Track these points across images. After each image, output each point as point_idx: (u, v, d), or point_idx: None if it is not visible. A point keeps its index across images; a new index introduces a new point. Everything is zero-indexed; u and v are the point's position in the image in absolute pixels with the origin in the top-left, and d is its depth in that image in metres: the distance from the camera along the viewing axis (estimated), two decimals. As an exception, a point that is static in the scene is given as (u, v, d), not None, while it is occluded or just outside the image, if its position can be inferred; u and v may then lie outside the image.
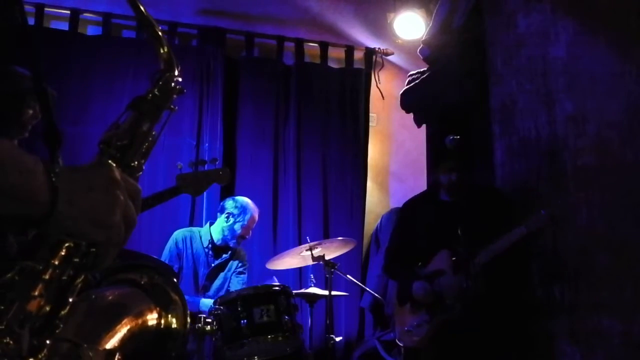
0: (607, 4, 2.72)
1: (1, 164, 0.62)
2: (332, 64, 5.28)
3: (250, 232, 3.93)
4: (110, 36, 4.73)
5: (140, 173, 0.94)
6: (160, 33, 1.09)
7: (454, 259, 2.75)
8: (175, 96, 1.06)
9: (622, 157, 2.55)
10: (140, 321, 0.99)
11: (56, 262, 0.71)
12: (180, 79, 1.08)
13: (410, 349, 2.98)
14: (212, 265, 3.86)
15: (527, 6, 3.15)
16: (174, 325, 1.04)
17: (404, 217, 3.21)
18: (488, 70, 3.42)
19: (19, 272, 0.69)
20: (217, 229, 3.89)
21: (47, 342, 0.69)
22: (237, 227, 3.83)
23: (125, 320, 0.96)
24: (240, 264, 3.95)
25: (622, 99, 2.57)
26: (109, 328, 0.94)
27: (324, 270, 3.61)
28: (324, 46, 5.21)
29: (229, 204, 3.93)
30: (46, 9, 4.57)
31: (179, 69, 1.09)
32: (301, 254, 3.68)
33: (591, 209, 2.66)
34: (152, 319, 1.01)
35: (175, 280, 1.12)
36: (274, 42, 5.11)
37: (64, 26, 4.64)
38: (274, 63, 5.07)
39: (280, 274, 4.17)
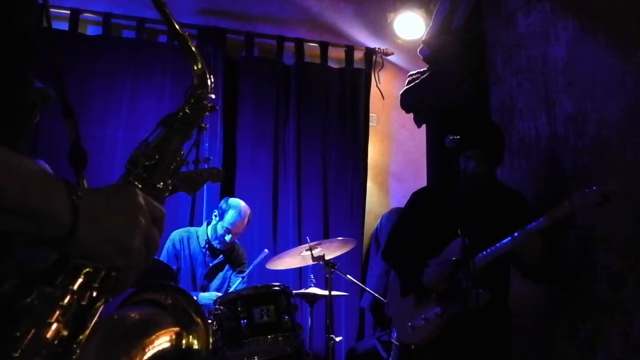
0: (607, 4, 2.72)
1: (24, 185, 0.62)
2: (332, 64, 5.28)
3: (234, 235, 3.87)
4: (110, 36, 4.73)
5: (167, 194, 0.92)
6: (194, 49, 1.08)
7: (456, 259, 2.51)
8: (207, 114, 1.05)
9: (622, 157, 2.55)
10: (161, 342, 0.98)
11: (75, 287, 0.70)
12: (213, 96, 1.07)
13: (409, 348, 2.80)
14: (210, 265, 3.86)
15: (527, 6, 3.15)
16: (196, 346, 1.03)
17: (413, 205, 2.94)
18: (488, 70, 3.42)
19: (38, 298, 0.68)
20: (210, 229, 3.90)
21: None
22: (219, 227, 3.83)
23: (146, 342, 0.95)
24: (238, 264, 3.96)
25: (622, 99, 2.56)
26: (129, 350, 0.93)
27: (324, 270, 3.61)
28: (324, 46, 5.21)
29: (220, 203, 3.95)
30: (46, 9, 4.57)
31: (213, 86, 1.07)
32: (301, 254, 3.68)
33: (591, 209, 2.66)
34: (173, 340, 1.00)
35: (196, 300, 1.11)
36: (274, 42, 5.11)
37: (64, 26, 4.64)
38: (274, 63, 5.07)
39: (280, 274, 4.17)
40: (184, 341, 1.01)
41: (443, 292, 2.58)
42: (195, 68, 1.07)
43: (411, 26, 4.63)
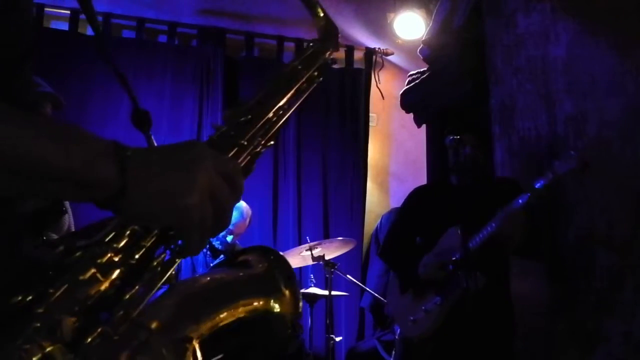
0: (607, 4, 2.72)
1: (67, 151, 0.60)
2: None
3: (236, 236, 3.86)
4: (110, 36, 4.73)
5: (259, 150, 0.87)
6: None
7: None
8: (323, 69, 0.97)
9: (622, 157, 2.55)
10: (240, 311, 0.93)
11: (117, 246, 0.68)
12: (338, 48, 0.99)
13: (411, 342, 2.77)
14: (211, 265, 3.86)
15: (527, 6, 3.15)
16: (277, 315, 0.97)
17: (410, 204, 2.95)
18: (488, 70, 3.42)
19: (81, 257, 0.67)
20: None
21: (103, 327, 0.66)
22: None
23: (223, 309, 0.91)
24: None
25: (622, 99, 2.57)
26: (202, 316, 0.89)
27: (324, 270, 3.61)
28: (324, 46, 5.20)
29: None
30: (46, 9, 4.57)
31: (337, 37, 1.00)
32: (301, 254, 3.68)
33: (591, 208, 2.66)
34: (254, 309, 0.95)
35: (293, 272, 1.05)
36: (274, 42, 5.11)
37: (64, 26, 4.65)
38: (274, 63, 5.07)
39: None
40: (264, 310, 0.96)
41: (441, 281, 2.58)
42: (317, 18, 1.01)
43: (411, 26, 4.62)
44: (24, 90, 0.79)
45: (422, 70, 4.56)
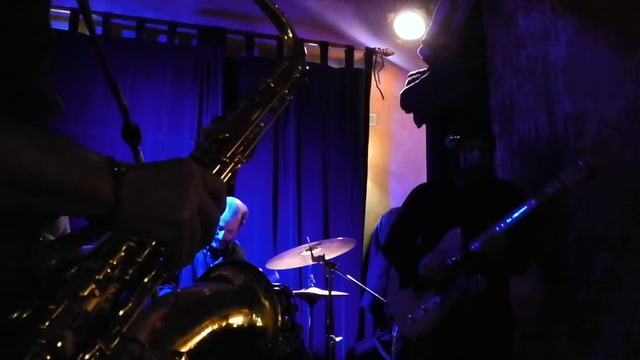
0: (607, 4, 2.72)
1: (64, 165, 0.61)
2: (332, 64, 5.28)
3: (228, 233, 3.85)
4: (110, 36, 4.73)
5: (239, 166, 0.89)
6: (284, 19, 1.07)
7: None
8: (294, 87, 1.01)
9: (622, 157, 2.55)
10: (221, 322, 0.95)
11: (114, 262, 0.69)
12: (305, 68, 1.03)
13: (410, 341, 2.79)
14: (211, 266, 3.86)
15: (527, 6, 3.15)
16: (259, 327, 1.00)
17: (413, 200, 2.96)
18: (488, 70, 3.42)
19: (78, 271, 0.67)
20: None
21: (98, 342, 0.66)
22: None
23: (205, 321, 0.93)
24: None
25: (622, 99, 2.57)
26: (188, 329, 0.90)
27: (324, 270, 3.61)
28: (324, 46, 5.21)
29: None
30: (46, 9, 4.57)
31: (305, 57, 1.04)
32: (301, 254, 3.68)
33: (591, 209, 2.66)
34: (237, 321, 0.98)
35: (271, 283, 1.08)
36: (274, 42, 5.11)
37: (64, 26, 4.64)
38: (274, 63, 5.07)
39: (280, 274, 4.17)
40: (246, 321, 0.99)
41: (441, 281, 2.60)
42: (286, 38, 1.05)
43: (411, 26, 4.62)
44: (40, 90, 0.78)
45: (422, 70, 4.56)
